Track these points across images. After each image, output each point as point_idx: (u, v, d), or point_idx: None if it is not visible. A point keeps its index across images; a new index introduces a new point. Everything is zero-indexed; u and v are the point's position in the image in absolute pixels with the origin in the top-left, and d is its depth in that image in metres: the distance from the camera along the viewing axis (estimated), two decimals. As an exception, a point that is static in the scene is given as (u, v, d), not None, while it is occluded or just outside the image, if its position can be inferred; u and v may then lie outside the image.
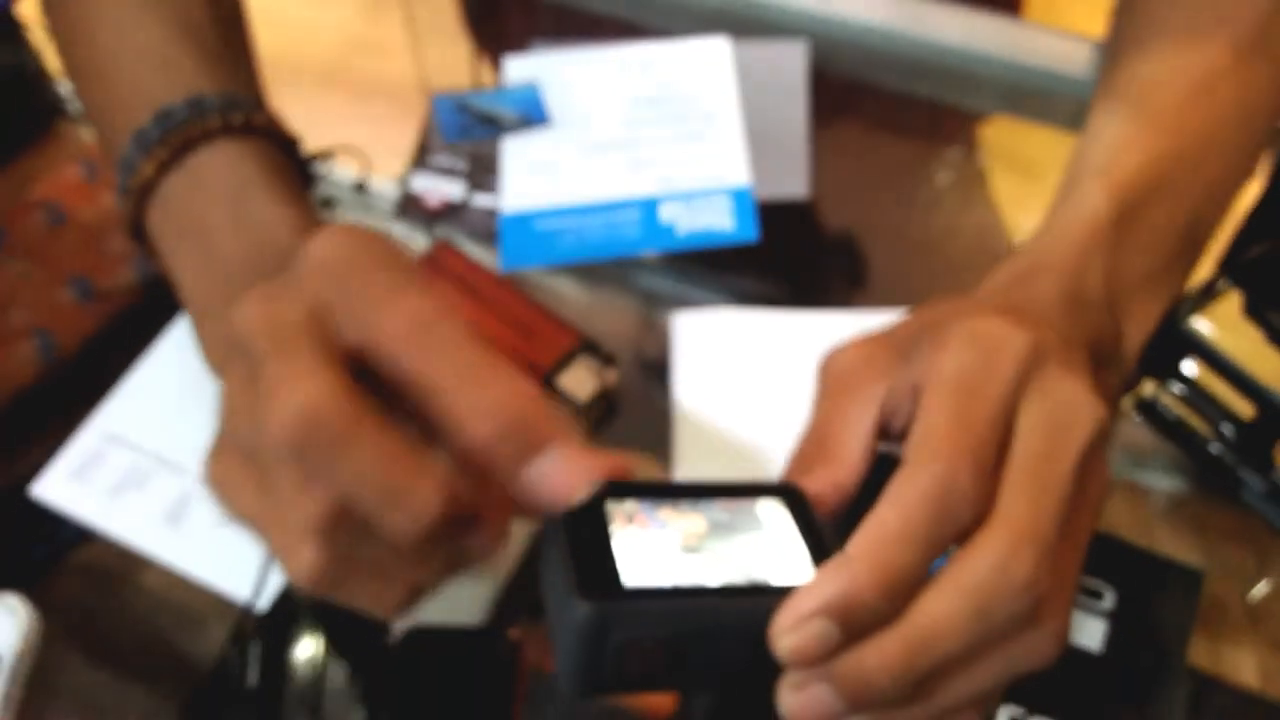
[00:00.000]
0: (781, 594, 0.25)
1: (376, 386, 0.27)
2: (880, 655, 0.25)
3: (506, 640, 0.36)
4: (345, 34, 0.65)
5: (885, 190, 0.53)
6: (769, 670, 0.25)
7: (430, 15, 0.65)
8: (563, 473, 0.26)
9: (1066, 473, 0.27)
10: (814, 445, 0.30)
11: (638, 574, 0.25)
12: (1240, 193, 0.40)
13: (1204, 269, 0.38)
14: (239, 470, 0.28)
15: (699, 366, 0.44)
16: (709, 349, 0.44)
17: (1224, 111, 0.41)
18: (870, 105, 0.57)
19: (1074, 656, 0.35)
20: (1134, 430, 0.41)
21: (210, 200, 0.39)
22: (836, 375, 0.31)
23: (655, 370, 0.44)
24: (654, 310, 0.47)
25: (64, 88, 0.58)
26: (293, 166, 0.41)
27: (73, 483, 0.41)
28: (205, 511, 0.40)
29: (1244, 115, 0.41)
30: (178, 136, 0.39)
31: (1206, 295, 0.34)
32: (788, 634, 0.25)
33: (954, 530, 0.26)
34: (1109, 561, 0.37)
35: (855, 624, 0.25)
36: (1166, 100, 0.41)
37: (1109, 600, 0.36)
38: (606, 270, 0.47)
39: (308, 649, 0.37)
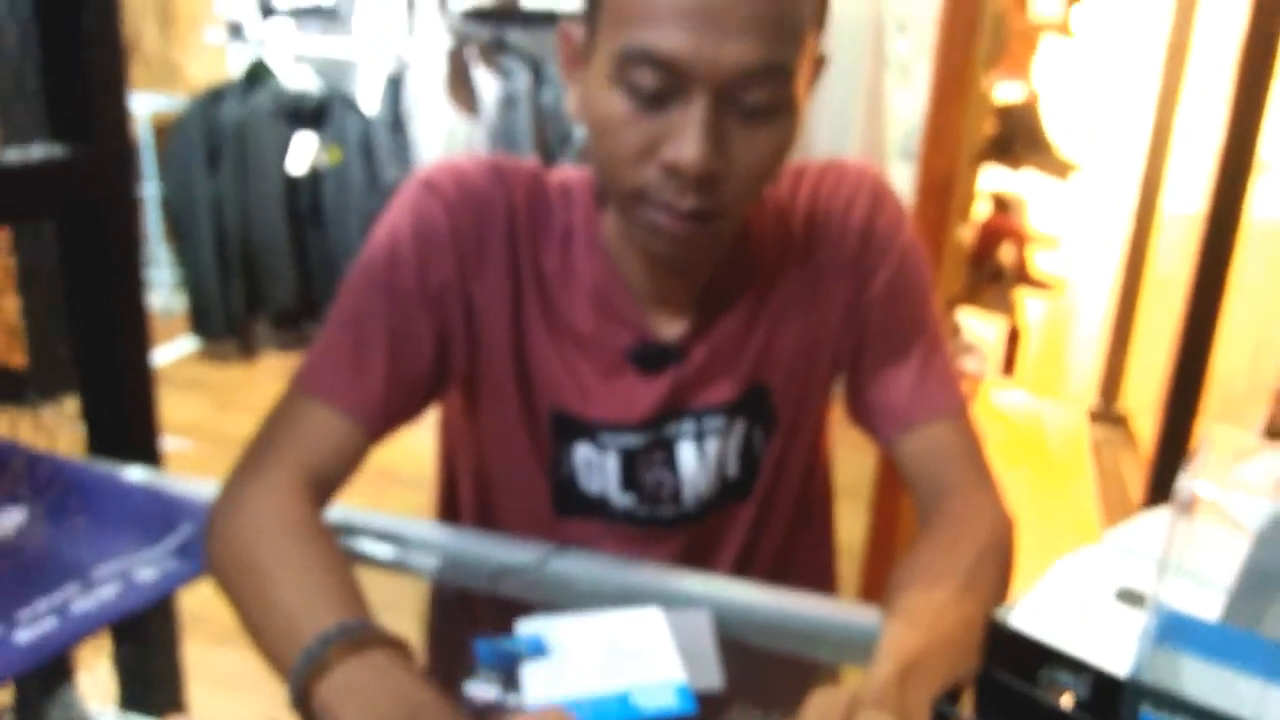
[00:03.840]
0: None
1: None
2: None
3: None
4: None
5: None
6: None
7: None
8: None
9: None
10: None
11: None
12: (972, 665, 0.69)
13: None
14: None
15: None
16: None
17: (953, 627, 0.72)
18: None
19: None
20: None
21: (370, 675, 0.66)
22: None
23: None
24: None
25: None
26: (411, 662, 0.68)
27: None
28: None
29: (964, 627, 0.72)
30: (352, 640, 0.66)
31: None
32: None
33: None
34: None
35: None
36: (919, 618, 0.73)
37: None
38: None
39: None
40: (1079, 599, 0.68)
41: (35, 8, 1.11)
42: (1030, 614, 0.66)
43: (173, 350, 3.93)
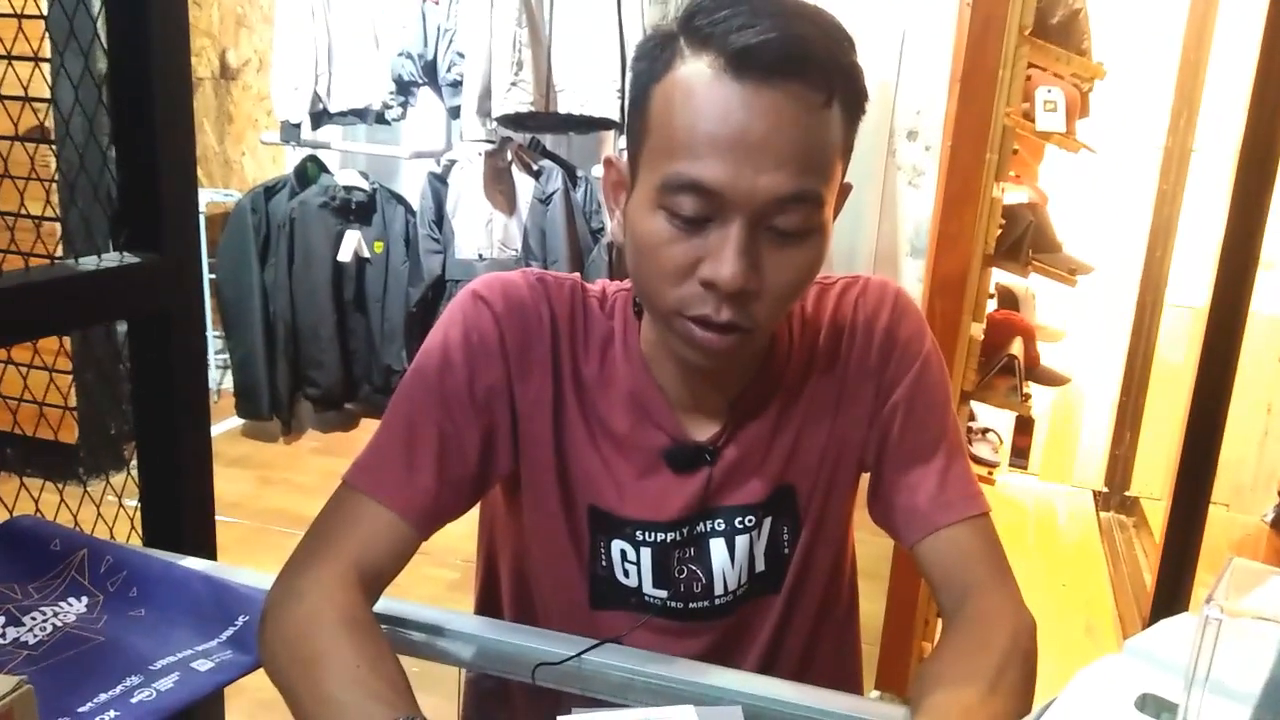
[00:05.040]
0: None
1: None
2: None
3: None
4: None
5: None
6: None
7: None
8: None
9: None
10: None
11: None
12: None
13: None
14: None
15: None
16: None
17: (982, 727, 0.72)
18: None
19: None
20: None
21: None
22: None
23: None
24: None
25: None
26: None
27: None
28: None
29: (993, 727, 0.72)
30: None
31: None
32: None
33: None
34: None
35: None
36: (947, 718, 0.72)
37: None
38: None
39: None
40: (1100, 708, 0.67)
41: (116, 130, 1.16)
42: (1055, 723, 0.65)
43: (218, 428, 3.96)
